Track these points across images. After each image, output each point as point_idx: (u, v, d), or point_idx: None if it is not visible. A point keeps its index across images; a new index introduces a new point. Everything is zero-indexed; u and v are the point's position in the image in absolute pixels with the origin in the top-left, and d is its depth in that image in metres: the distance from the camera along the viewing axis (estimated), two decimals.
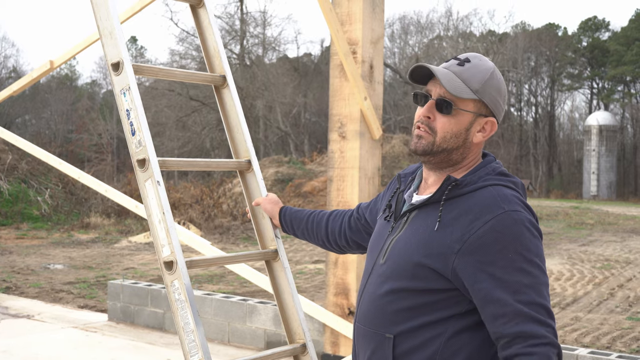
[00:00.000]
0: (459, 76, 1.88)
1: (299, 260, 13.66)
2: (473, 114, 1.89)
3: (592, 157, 45.33)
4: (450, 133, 1.88)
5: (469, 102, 1.88)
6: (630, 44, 50.35)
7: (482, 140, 1.92)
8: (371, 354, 1.91)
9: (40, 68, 6.30)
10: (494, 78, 1.90)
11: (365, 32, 5.42)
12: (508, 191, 1.85)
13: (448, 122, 1.88)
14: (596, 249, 16.18)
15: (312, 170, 25.47)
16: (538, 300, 1.72)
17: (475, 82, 1.87)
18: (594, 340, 7.74)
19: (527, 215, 1.80)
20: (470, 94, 1.86)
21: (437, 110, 1.89)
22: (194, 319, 2.14)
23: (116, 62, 2.30)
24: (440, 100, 1.88)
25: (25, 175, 21.27)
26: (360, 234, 2.34)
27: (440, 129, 1.89)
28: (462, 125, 1.89)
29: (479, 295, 1.76)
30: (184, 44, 41.08)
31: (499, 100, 1.92)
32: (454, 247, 1.78)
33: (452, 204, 1.85)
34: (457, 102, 1.87)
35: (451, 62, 1.92)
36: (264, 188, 2.56)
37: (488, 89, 1.89)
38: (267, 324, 6.80)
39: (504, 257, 1.74)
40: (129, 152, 2.29)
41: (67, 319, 8.06)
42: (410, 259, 1.84)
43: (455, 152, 1.90)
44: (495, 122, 1.91)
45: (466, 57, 1.92)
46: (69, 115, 46.42)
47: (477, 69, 1.89)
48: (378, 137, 5.55)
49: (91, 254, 14.33)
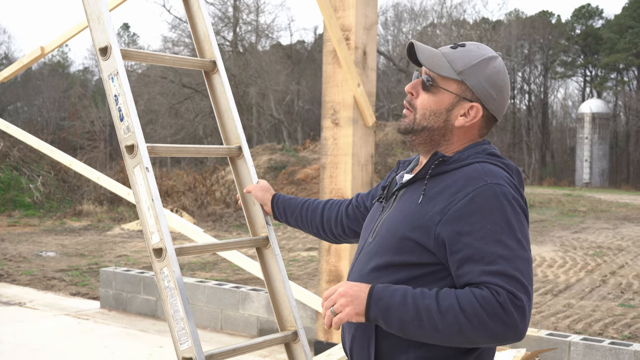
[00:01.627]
0: (446, 57, 1.88)
1: (292, 247, 13.66)
2: (455, 96, 1.87)
3: (585, 145, 45.40)
4: (430, 110, 1.89)
5: (451, 83, 1.87)
6: (624, 31, 50.34)
7: (465, 124, 1.89)
8: (354, 332, 1.91)
9: (31, 54, 6.24)
10: (487, 65, 1.87)
11: (359, 18, 5.38)
12: (495, 168, 1.83)
13: (427, 99, 1.89)
14: (589, 236, 16.23)
15: (305, 157, 25.44)
16: (511, 273, 1.67)
17: (460, 63, 1.86)
18: (586, 327, 7.77)
19: (510, 190, 1.77)
20: (451, 73, 1.86)
21: (421, 88, 1.91)
22: (183, 307, 2.12)
23: (104, 46, 2.27)
24: (424, 78, 1.89)
25: (17, 162, 21.18)
26: (358, 222, 2.33)
27: (419, 106, 1.90)
28: (442, 104, 1.88)
29: (454, 267, 1.74)
30: (176, 30, 40.91)
31: (490, 90, 1.88)
32: (436, 218, 1.77)
33: (437, 179, 1.85)
34: (437, 79, 1.88)
35: (446, 46, 1.93)
36: (254, 174, 2.53)
37: (474, 74, 1.86)
38: (260, 311, 6.79)
39: (482, 228, 1.71)
40: (118, 138, 2.27)
41: (59, 306, 8.04)
42: (396, 233, 1.84)
43: (437, 132, 1.90)
44: (481, 108, 1.88)
45: (464, 43, 1.92)
46: (61, 102, 46.19)
47: (468, 53, 1.88)
48: (371, 124, 5.53)
49: (83, 241, 14.29)
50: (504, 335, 1.65)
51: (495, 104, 1.90)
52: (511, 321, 1.64)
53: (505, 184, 1.78)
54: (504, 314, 1.63)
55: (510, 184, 1.79)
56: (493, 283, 1.66)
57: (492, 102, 1.90)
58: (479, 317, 1.63)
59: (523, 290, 1.67)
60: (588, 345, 5.09)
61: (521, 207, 1.78)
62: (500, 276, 1.66)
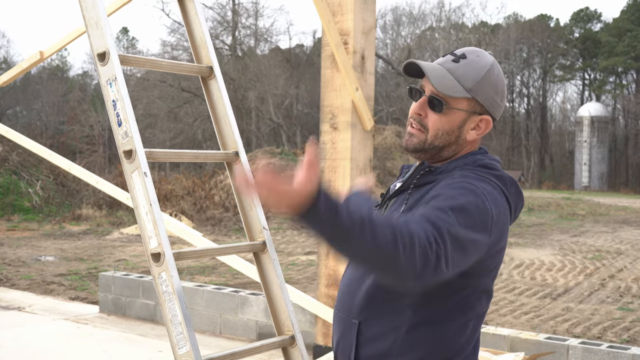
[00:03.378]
0: (453, 73, 1.84)
1: (291, 251, 13.66)
2: (466, 112, 1.85)
3: (584, 148, 45.45)
4: (442, 131, 1.86)
5: (462, 101, 1.84)
6: (622, 35, 50.42)
7: (476, 137, 1.89)
8: (339, 338, 1.92)
9: (30, 59, 6.24)
10: (491, 75, 1.86)
11: (357, 22, 5.39)
12: (477, 181, 1.77)
13: (440, 120, 1.85)
14: (587, 239, 16.24)
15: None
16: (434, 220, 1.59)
17: (469, 80, 1.83)
18: (585, 330, 7.77)
19: (489, 189, 1.74)
20: (463, 92, 1.83)
21: (429, 108, 1.86)
22: (181, 311, 2.13)
23: (102, 52, 2.28)
24: (432, 98, 1.85)
25: (16, 166, 21.17)
26: None
27: (432, 127, 1.86)
28: (454, 123, 1.86)
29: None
30: (175, 34, 40.93)
31: (496, 99, 1.87)
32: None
33: (422, 190, 1.85)
34: (449, 100, 1.84)
35: (447, 58, 1.88)
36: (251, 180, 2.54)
37: (483, 87, 1.84)
38: (259, 315, 6.79)
39: (440, 194, 1.70)
40: (116, 144, 2.28)
41: (58, 310, 8.04)
42: None
43: (447, 148, 1.88)
44: (491, 119, 1.88)
45: (463, 52, 1.88)
46: (60, 106, 46.17)
47: (473, 66, 1.85)
48: (370, 128, 5.54)
49: (82, 245, 14.29)
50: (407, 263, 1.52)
51: (499, 109, 1.92)
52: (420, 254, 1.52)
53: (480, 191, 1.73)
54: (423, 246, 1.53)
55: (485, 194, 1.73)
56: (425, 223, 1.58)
57: (497, 109, 1.90)
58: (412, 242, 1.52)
59: (442, 245, 1.57)
60: (586, 348, 5.09)
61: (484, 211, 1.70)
62: (432, 224, 1.58)
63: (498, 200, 1.77)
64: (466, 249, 1.64)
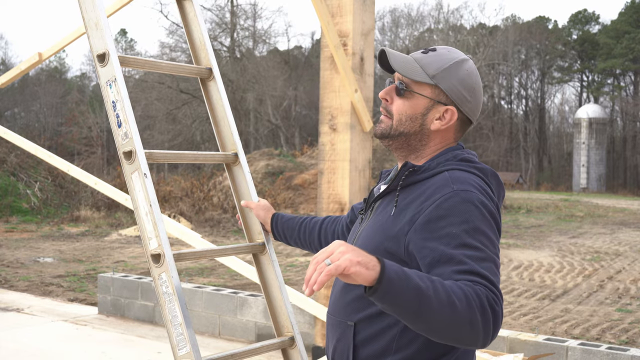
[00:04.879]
0: (419, 62, 1.90)
1: (289, 253, 13.66)
2: (429, 100, 1.89)
3: (582, 150, 45.47)
4: (405, 115, 1.91)
5: (425, 87, 1.89)
6: (620, 37, 50.48)
7: (441, 128, 1.90)
8: (336, 343, 1.93)
9: (28, 60, 6.24)
10: (459, 68, 1.89)
11: (356, 24, 5.40)
12: (464, 174, 1.82)
13: (402, 105, 1.91)
14: (586, 241, 16.25)
15: (302, 163, 25.45)
16: (478, 270, 1.62)
17: (432, 68, 1.88)
18: (584, 331, 7.77)
19: (478, 196, 1.76)
20: (424, 77, 1.87)
21: (395, 94, 1.93)
22: (182, 312, 2.13)
23: (102, 53, 2.28)
24: (398, 84, 1.91)
25: (14, 168, 21.16)
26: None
27: (395, 111, 1.93)
28: (418, 109, 1.90)
29: (425, 272, 1.70)
30: (174, 36, 40.94)
31: (463, 92, 1.89)
32: (405, 228, 1.77)
33: (409, 190, 1.86)
34: (411, 84, 1.90)
35: (418, 51, 1.95)
36: (251, 181, 2.54)
37: (447, 77, 1.88)
38: (258, 316, 6.79)
39: (449, 234, 1.69)
40: (115, 145, 2.28)
41: (57, 312, 8.03)
42: (370, 244, 1.85)
43: (414, 137, 1.91)
44: (456, 111, 1.89)
45: (435, 47, 1.95)
46: (58, 108, 46.18)
47: (440, 57, 1.90)
48: (369, 130, 5.54)
49: (81, 247, 14.28)
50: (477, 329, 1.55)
51: (470, 106, 1.92)
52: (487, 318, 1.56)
53: (474, 189, 1.77)
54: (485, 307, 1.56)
55: (479, 189, 1.78)
56: (469, 280, 1.61)
57: (466, 105, 1.91)
58: (468, 302, 1.55)
59: (497, 291, 1.62)
60: (585, 350, 5.09)
61: (490, 211, 1.76)
62: (472, 274, 1.62)
63: (487, 190, 1.82)
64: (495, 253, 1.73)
